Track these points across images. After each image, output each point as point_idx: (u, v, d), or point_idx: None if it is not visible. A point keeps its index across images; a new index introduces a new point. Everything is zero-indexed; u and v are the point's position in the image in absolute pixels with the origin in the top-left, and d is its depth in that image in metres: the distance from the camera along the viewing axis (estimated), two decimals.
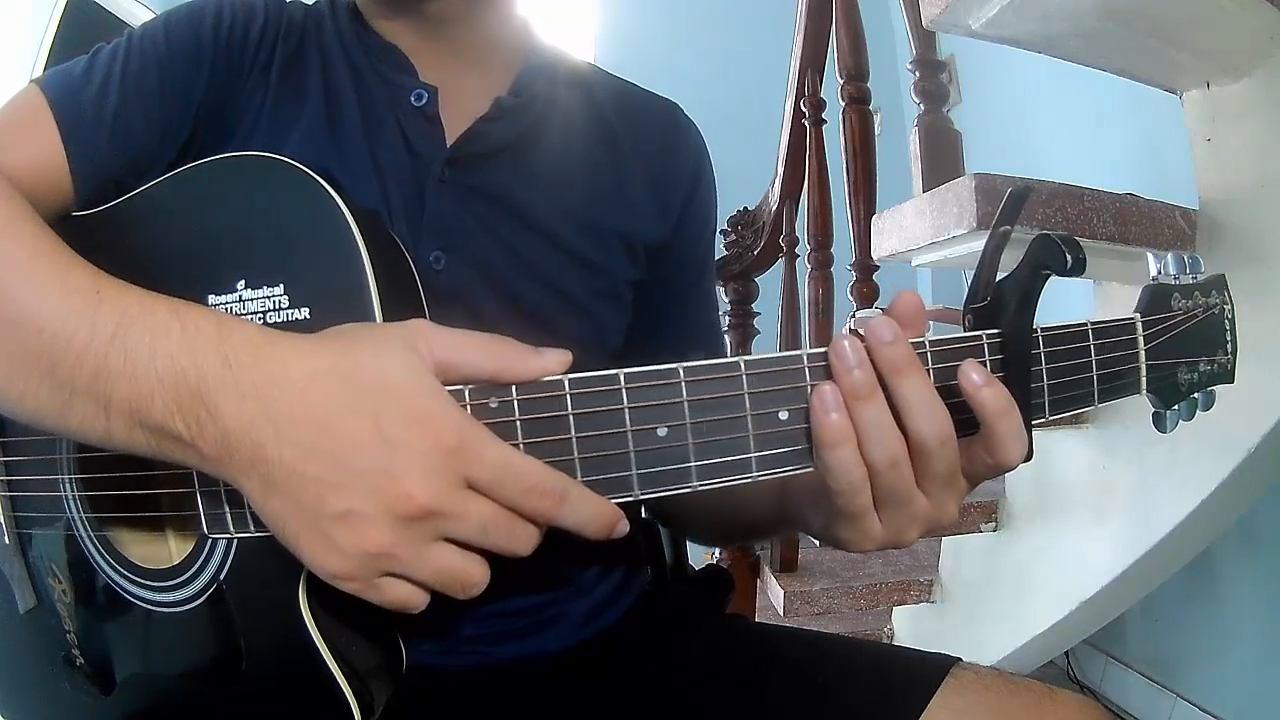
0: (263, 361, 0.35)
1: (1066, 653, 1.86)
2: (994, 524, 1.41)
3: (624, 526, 0.38)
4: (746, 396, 0.37)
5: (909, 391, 0.37)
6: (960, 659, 0.54)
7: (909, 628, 1.60)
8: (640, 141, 0.65)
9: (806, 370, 0.37)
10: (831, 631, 1.57)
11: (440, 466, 0.34)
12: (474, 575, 0.36)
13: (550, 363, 0.37)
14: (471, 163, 0.57)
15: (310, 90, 0.56)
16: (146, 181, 0.48)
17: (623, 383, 0.36)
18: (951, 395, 0.37)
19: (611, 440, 0.36)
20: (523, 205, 0.58)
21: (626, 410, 0.36)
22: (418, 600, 0.37)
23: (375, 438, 0.34)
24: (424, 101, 0.57)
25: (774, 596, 1.58)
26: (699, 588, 0.71)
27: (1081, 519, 1.27)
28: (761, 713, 0.55)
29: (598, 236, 0.61)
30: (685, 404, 0.36)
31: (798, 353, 0.37)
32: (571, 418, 0.36)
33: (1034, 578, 1.35)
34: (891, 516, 0.39)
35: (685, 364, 0.37)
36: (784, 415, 0.37)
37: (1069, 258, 0.36)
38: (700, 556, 1.83)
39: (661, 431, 0.36)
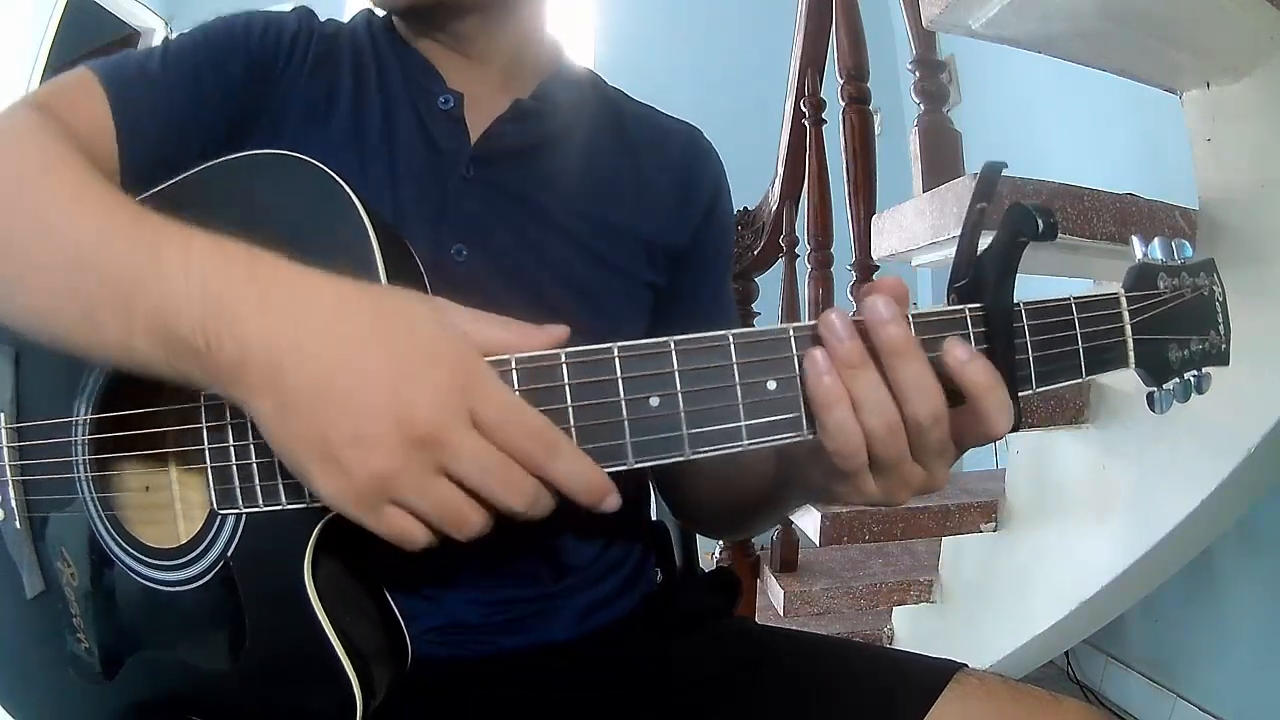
0: (292, 283, 0.37)
1: (1066, 653, 1.86)
2: (994, 524, 1.41)
3: (613, 500, 0.38)
4: (735, 367, 0.38)
5: (907, 374, 0.37)
6: (965, 665, 0.54)
7: (909, 628, 1.60)
8: (661, 155, 0.68)
9: (793, 341, 0.38)
10: (832, 631, 1.58)
11: (448, 397, 0.35)
12: (471, 516, 0.37)
13: (556, 335, 0.39)
14: (494, 161, 0.60)
15: (340, 92, 0.60)
16: (181, 172, 0.49)
17: (616, 354, 0.38)
18: (937, 368, 0.38)
19: (606, 410, 0.38)
20: (543, 203, 0.61)
21: (620, 381, 0.38)
22: (418, 533, 0.37)
23: (389, 369, 0.35)
24: (450, 105, 0.60)
25: (774, 596, 1.58)
26: (707, 590, 0.71)
27: (1081, 519, 1.27)
28: (761, 715, 0.55)
29: (616, 237, 0.63)
30: (676, 374, 0.37)
31: (784, 325, 0.38)
32: (568, 388, 0.38)
33: (1034, 578, 1.35)
34: (885, 478, 0.40)
35: (676, 337, 0.38)
36: (772, 385, 0.38)
37: (1041, 222, 0.37)
38: (702, 555, 1.82)
39: (654, 401, 0.37)
